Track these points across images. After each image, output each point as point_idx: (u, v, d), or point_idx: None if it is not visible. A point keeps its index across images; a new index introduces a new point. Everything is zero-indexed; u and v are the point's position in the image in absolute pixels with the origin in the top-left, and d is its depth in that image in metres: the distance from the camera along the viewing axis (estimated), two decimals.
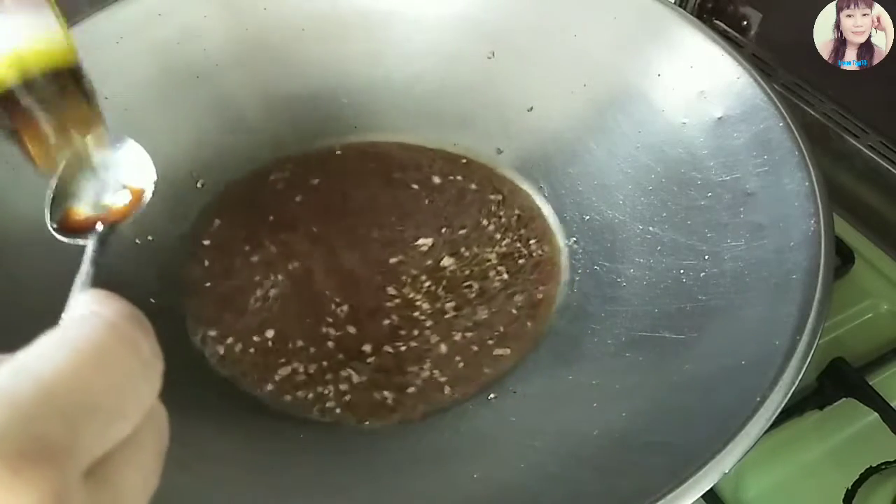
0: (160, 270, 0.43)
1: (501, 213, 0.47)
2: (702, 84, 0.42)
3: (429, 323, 0.41)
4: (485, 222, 0.46)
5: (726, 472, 0.27)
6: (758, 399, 0.28)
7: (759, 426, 0.28)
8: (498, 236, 0.46)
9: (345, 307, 0.42)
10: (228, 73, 0.48)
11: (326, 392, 0.38)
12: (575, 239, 0.45)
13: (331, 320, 0.41)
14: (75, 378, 0.14)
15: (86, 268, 0.27)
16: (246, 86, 0.49)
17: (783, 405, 0.28)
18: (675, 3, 0.51)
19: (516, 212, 0.47)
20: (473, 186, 0.48)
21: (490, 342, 0.40)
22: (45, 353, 0.15)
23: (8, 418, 0.13)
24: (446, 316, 0.42)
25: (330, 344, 0.40)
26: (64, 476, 0.13)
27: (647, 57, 0.45)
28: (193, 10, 0.47)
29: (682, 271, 0.39)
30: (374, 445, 0.36)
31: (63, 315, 0.22)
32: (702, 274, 0.38)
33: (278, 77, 0.50)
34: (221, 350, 0.40)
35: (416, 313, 0.42)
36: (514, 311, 0.42)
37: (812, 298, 0.32)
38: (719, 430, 0.28)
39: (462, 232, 0.46)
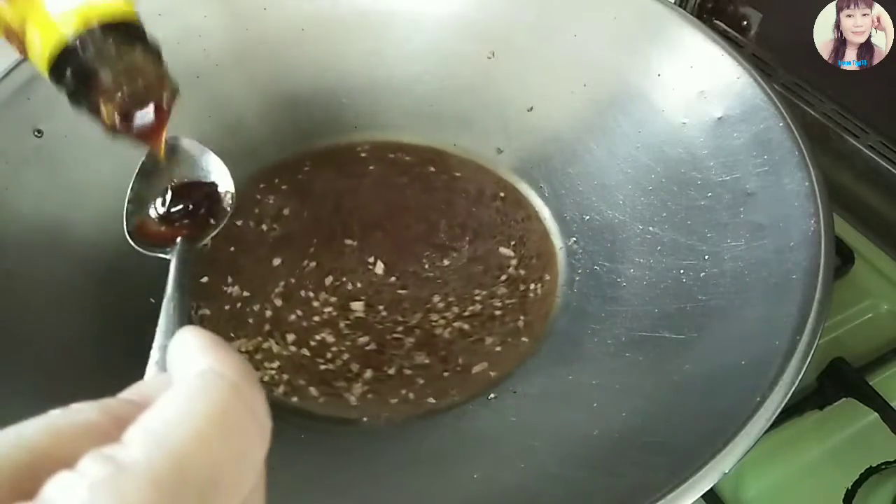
0: (160, 270, 0.42)
1: (501, 214, 0.47)
2: (702, 84, 0.42)
3: (428, 322, 0.41)
4: (485, 222, 0.46)
5: (726, 472, 0.27)
6: (758, 399, 0.28)
7: (759, 426, 0.28)
8: (497, 236, 0.46)
9: (343, 307, 0.42)
10: (228, 73, 0.48)
11: (328, 388, 0.38)
12: (575, 239, 0.45)
13: (330, 319, 0.41)
14: (207, 452, 0.14)
15: (172, 293, 0.26)
16: (246, 86, 0.49)
17: (783, 405, 0.28)
18: (675, 3, 0.51)
19: (516, 212, 0.47)
20: (473, 186, 0.48)
21: (490, 341, 0.40)
22: (176, 422, 0.14)
23: (154, 501, 0.13)
24: (445, 315, 0.42)
25: (331, 340, 0.40)
26: None
27: (647, 57, 0.45)
28: (193, 10, 0.47)
29: (682, 271, 0.39)
30: (374, 445, 0.36)
31: (155, 350, 0.22)
32: (702, 274, 0.38)
33: (278, 77, 0.50)
34: None
35: (415, 312, 0.42)
36: (514, 311, 0.42)
37: (812, 298, 0.32)
38: (719, 430, 0.28)
39: (462, 232, 0.46)
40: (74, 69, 0.28)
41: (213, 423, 0.14)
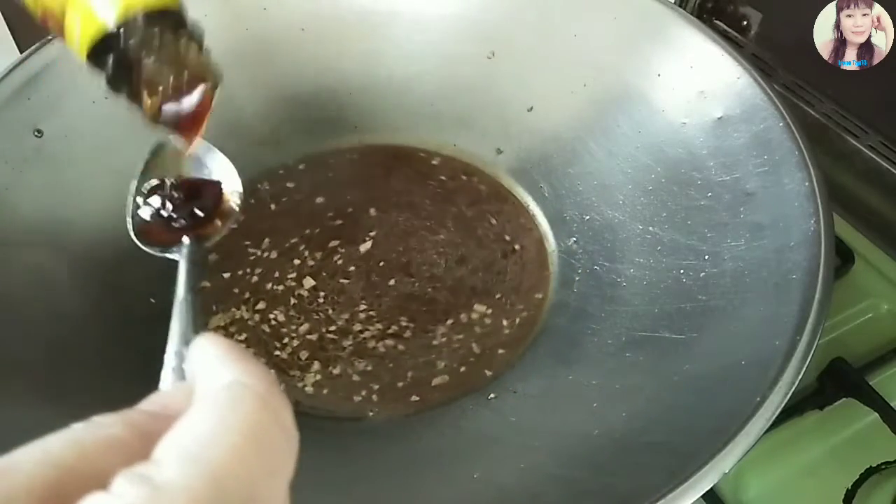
0: (160, 270, 0.42)
1: (501, 213, 0.47)
2: (702, 84, 0.42)
3: (427, 321, 0.41)
4: (484, 222, 0.46)
5: (726, 472, 0.27)
6: (758, 399, 0.28)
7: (759, 426, 0.28)
8: (497, 236, 0.46)
9: (342, 306, 0.42)
10: (228, 73, 0.48)
11: (327, 384, 0.38)
12: (575, 239, 0.45)
13: (329, 317, 0.41)
14: (242, 468, 0.13)
15: (185, 295, 0.25)
16: (246, 86, 0.49)
17: (783, 405, 0.28)
18: (675, 3, 0.51)
19: (516, 212, 0.47)
20: (473, 186, 0.48)
21: (489, 341, 0.40)
22: (209, 439, 0.14)
23: None
24: (445, 315, 0.42)
25: (331, 338, 0.40)
26: None
27: (647, 57, 0.45)
28: (193, 10, 0.47)
29: (682, 271, 0.39)
30: (373, 445, 0.36)
31: (171, 355, 0.21)
32: (702, 274, 0.38)
33: (278, 77, 0.50)
34: None
35: (414, 312, 0.42)
36: (514, 311, 0.42)
37: (812, 298, 0.32)
38: (719, 430, 0.28)
39: (461, 231, 0.46)
40: (116, 57, 0.27)
41: (246, 439, 0.14)
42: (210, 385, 0.15)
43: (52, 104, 0.41)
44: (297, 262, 0.44)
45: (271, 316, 0.42)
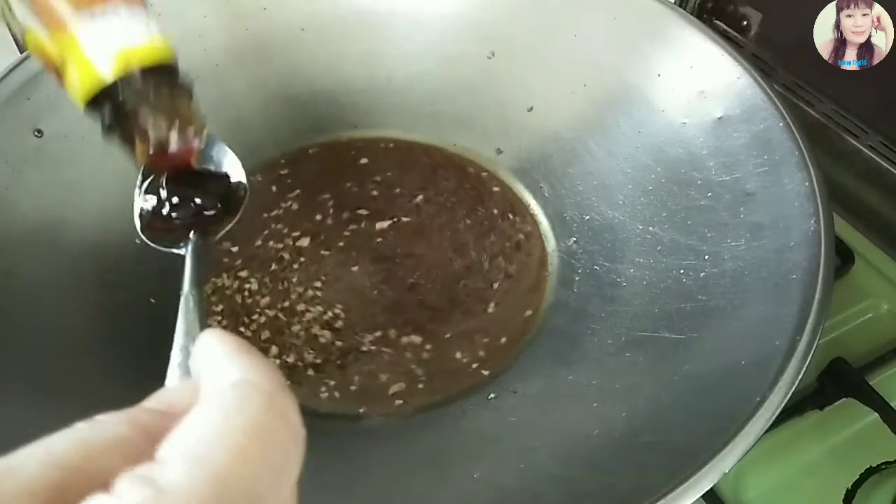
0: (160, 270, 0.43)
1: (501, 214, 0.47)
2: (702, 84, 0.42)
3: (427, 321, 0.41)
4: (484, 222, 0.46)
5: (726, 472, 0.27)
6: (758, 399, 0.28)
7: (759, 426, 0.28)
8: (497, 236, 0.46)
9: (341, 307, 0.42)
10: (228, 73, 0.48)
11: (326, 382, 0.38)
12: (575, 239, 0.45)
13: (329, 317, 0.41)
14: (247, 469, 0.13)
15: (190, 290, 0.25)
16: (246, 86, 0.49)
17: (783, 405, 0.28)
18: (675, 3, 0.51)
19: (516, 212, 0.47)
20: (473, 186, 0.48)
21: (489, 341, 0.40)
22: (214, 440, 0.13)
23: None
24: (445, 315, 0.42)
25: (328, 337, 0.40)
26: None
27: (647, 57, 0.45)
28: (193, 10, 0.47)
29: (682, 271, 0.39)
30: (373, 445, 0.36)
31: (176, 351, 0.21)
32: (702, 274, 0.38)
33: (278, 77, 0.50)
34: None
35: (413, 310, 0.42)
36: (514, 311, 0.42)
37: (812, 298, 0.32)
38: (719, 430, 0.28)
39: (461, 232, 0.46)
40: (112, 108, 0.29)
41: (252, 439, 0.13)
42: (216, 383, 0.15)
43: (52, 104, 0.41)
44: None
45: (247, 286, 0.42)
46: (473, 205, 0.47)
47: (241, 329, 0.41)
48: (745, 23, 0.56)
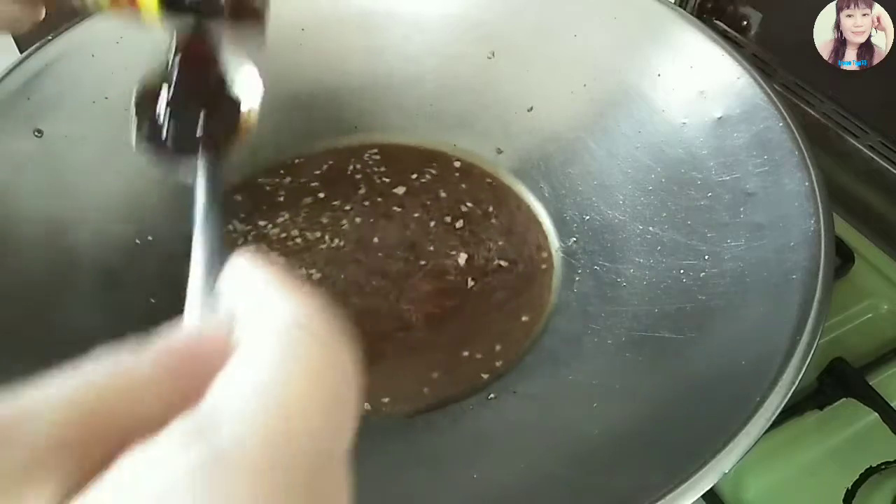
0: (160, 270, 0.43)
1: (501, 213, 0.47)
2: (702, 84, 0.42)
3: (427, 321, 0.41)
4: (484, 222, 0.46)
5: (726, 472, 0.27)
6: (758, 399, 0.28)
7: (759, 426, 0.28)
8: (497, 236, 0.46)
9: (340, 308, 0.42)
10: None
11: None
12: (575, 239, 0.45)
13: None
14: (313, 429, 0.12)
15: (207, 212, 0.19)
16: None
17: (783, 405, 0.28)
18: (675, 3, 0.51)
19: (516, 212, 0.47)
20: (473, 187, 0.48)
21: (489, 341, 0.40)
22: (272, 394, 0.12)
23: (263, 494, 0.11)
24: (445, 315, 0.42)
25: None
26: None
27: (647, 57, 0.45)
28: None
29: (682, 271, 0.39)
30: (372, 445, 0.36)
31: (197, 286, 0.17)
32: (702, 274, 0.38)
33: (278, 77, 0.49)
34: None
35: (414, 311, 0.42)
36: (514, 311, 0.42)
37: (812, 298, 0.32)
38: (719, 430, 0.28)
39: (462, 232, 0.46)
40: None
41: (312, 395, 0.12)
42: (261, 325, 0.13)
43: (52, 104, 0.41)
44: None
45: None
46: (473, 205, 0.47)
47: None
48: (745, 23, 0.56)
